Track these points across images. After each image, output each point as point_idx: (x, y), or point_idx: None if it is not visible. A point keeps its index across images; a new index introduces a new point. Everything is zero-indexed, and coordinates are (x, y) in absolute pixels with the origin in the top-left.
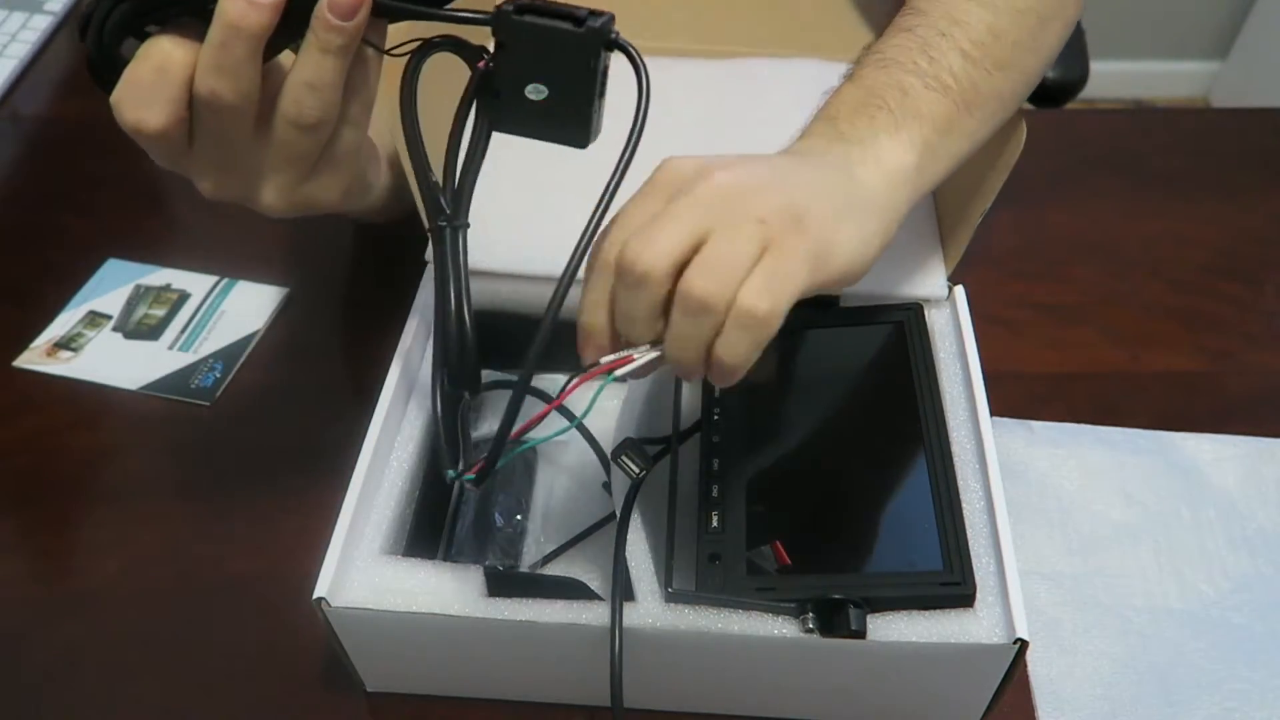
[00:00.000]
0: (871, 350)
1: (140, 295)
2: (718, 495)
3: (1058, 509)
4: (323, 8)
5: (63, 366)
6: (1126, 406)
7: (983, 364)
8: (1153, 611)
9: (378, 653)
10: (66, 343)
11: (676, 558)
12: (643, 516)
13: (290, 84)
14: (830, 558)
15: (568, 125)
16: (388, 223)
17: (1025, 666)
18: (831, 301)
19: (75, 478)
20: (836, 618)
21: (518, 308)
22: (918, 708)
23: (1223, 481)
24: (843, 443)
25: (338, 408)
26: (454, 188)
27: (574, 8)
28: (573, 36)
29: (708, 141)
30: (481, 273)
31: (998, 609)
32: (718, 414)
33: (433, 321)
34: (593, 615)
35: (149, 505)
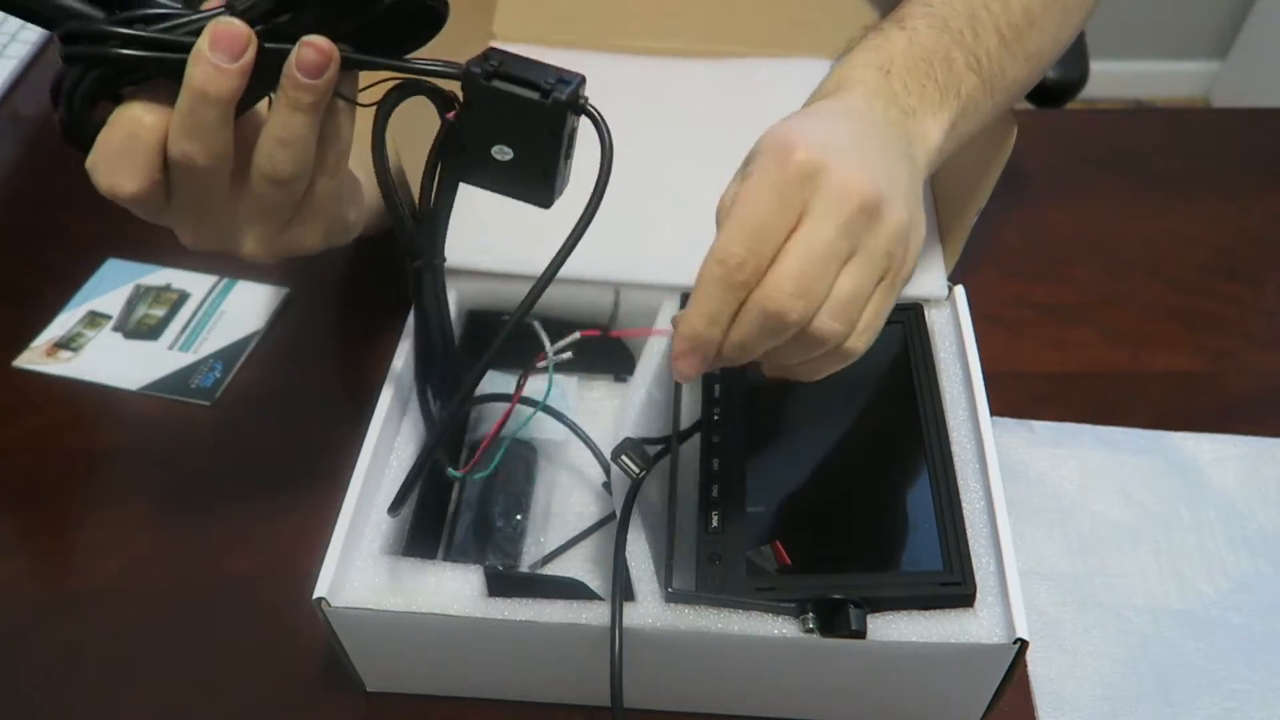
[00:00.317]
0: (871, 350)
1: (140, 295)
2: (718, 495)
3: (1058, 509)
4: (291, 66)
5: (63, 366)
6: (1126, 406)
7: (983, 364)
8: (1153, 611)
9: (378, 653)
10: (66, 343)
11: (676, 557)
12: (643, 516)
13: (263, 140)
14: (830, 558)
15: (531, 186)
16: (379, 234)
17: (1025, 666)
18: None
19: (75, 478)
20: (836, 618)
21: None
22: (918, 708)
23: (1223, 481)
24: (843, 443)
25: (338, 408)
26: (429, 229)
27: (544, 71)
28: (538, 107)
29: (708, 142)
30: (482, 273)
31: (998, 609)
32: (718, 414)
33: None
34: (593, 615)
35: (149, 505)
